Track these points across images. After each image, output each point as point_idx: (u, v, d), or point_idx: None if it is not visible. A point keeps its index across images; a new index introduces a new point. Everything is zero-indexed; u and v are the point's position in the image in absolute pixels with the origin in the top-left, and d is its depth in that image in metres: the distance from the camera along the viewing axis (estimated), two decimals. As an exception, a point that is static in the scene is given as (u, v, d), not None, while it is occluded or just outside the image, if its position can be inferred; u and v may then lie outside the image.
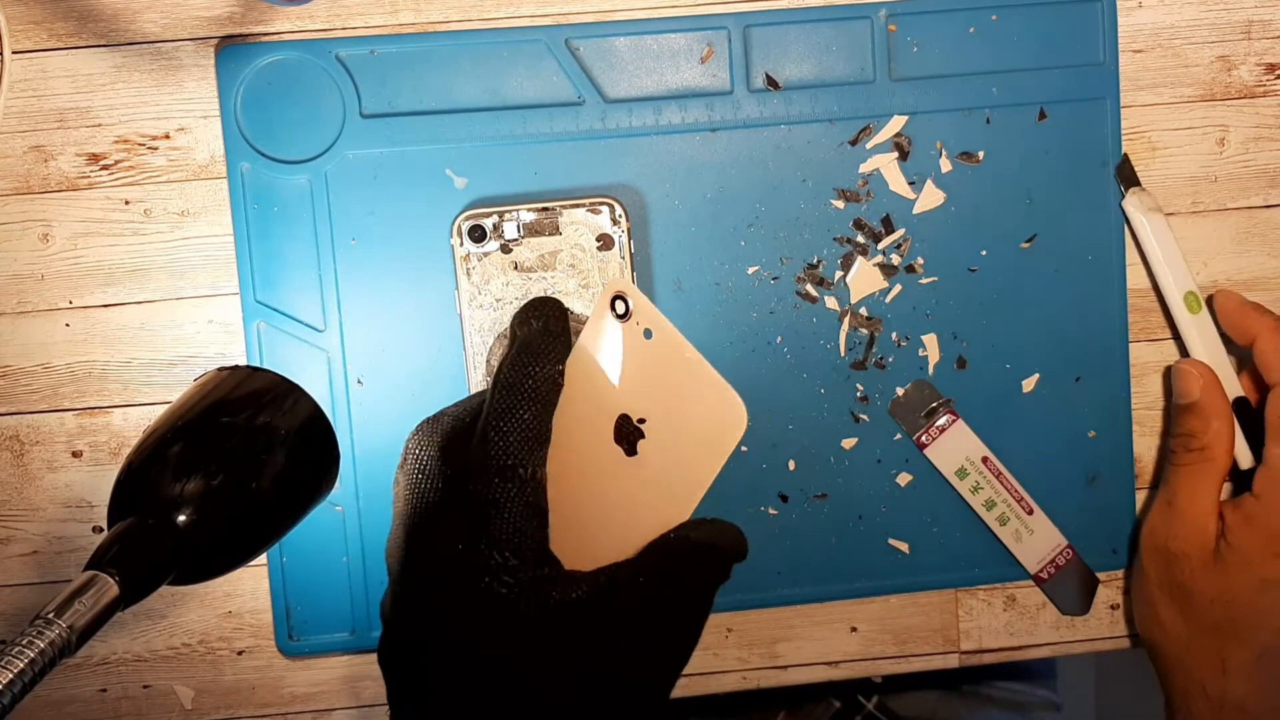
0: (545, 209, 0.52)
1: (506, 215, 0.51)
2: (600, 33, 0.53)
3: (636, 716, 0.41)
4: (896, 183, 0.54)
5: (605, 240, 0.52)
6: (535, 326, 0.44)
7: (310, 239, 0.52)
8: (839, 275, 0.54)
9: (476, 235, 0.51)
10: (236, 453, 0.41)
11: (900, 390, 0.55)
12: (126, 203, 0.53)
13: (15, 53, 0.52)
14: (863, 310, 0.55)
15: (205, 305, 0.53)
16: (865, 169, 0.54)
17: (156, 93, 0.52)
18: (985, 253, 0.55)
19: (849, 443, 0.55)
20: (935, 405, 0.55)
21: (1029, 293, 0.55)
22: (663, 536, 0.42)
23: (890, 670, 0.58)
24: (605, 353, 0.44)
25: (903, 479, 0.56)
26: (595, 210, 0.52)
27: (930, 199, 0.54)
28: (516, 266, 0.52)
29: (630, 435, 0.43)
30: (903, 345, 0.55)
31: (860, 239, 0.54)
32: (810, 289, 0.54)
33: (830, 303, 0.55)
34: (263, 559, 0.54)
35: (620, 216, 0.52)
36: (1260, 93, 0.56)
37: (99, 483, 0.54)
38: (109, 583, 0.36)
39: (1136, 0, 0.55)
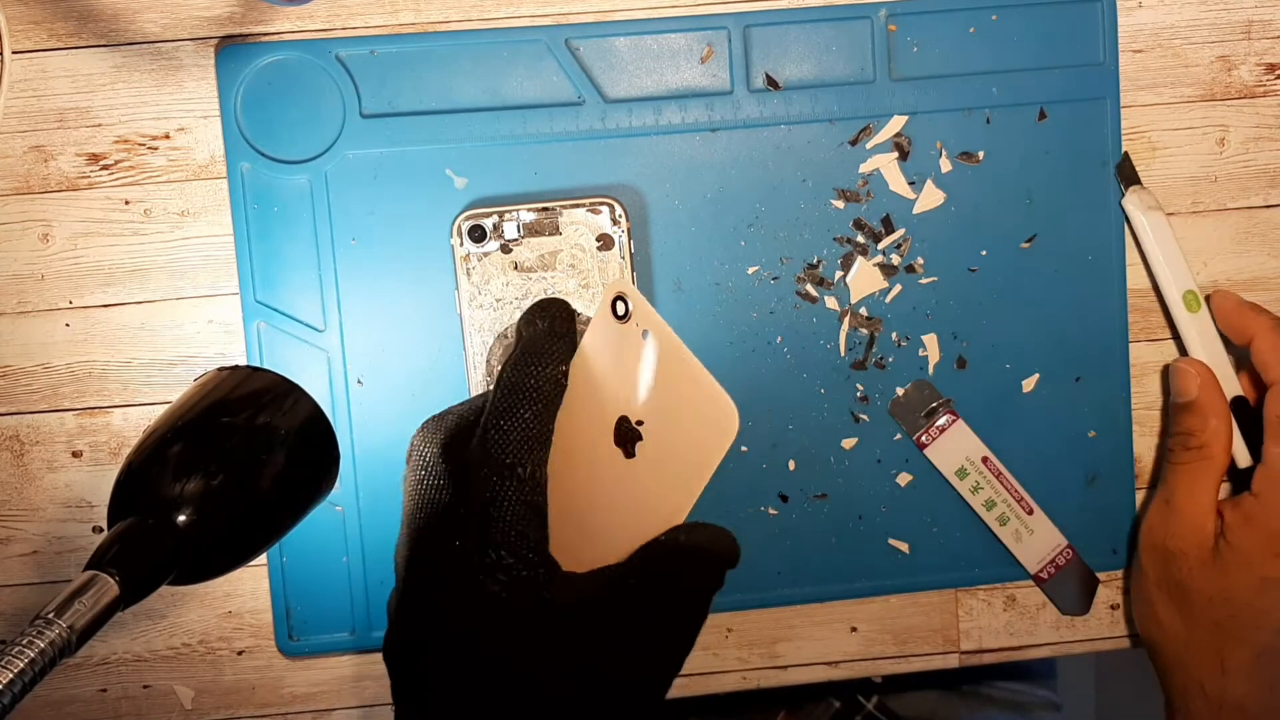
0: (545, 209, 0.52)
1: (506, 215, 0.51)
2: (600, 33, 0.53)
3: (635, 716, 0.41)
4: (896, 183, 0.54)
5: (605, 240, 0.52)
6: (540, 327, 0.44)
7: (310, 239, 0.52)
8: (839, 275, 0.54)
9: (476, 235, 0.51)
10: (236, 453, 0.41)
11: (900, 390, 0.55)
12: (126, 203, 0.53)
13: (15, 53, 0.52)
14: (863, 310, 0.55)
15: (205, 305, 0.53)
16: (865, 169, 0.54)
17: (156, 93, 0.52)
18: (985, 253, 0.55)
19: (849, 443, 0.55)
20: (935, 405, 0.55)
21: (1029, 293, 0.55)
22: (654, 539, 0.42)
23: (890, 670, 0.58)
24: (606, 354, 0.44)
25: (903, 479, 0.56)
26: (595, 210, 0.52)
27: (930, 199, 0.54)
28: (516, 266, 0.52)
29: (629, 437, 0.43)
30: (903, 345, 0.55)
31: (860, 239, 0.54)
32: (810, 289, 0.54)
33: (830, 303, 0.55)
34: (263, 559, 0.54)
35: (620, 216, 0.52)
36: (1260, 93, 0.56)
37: (99, 483, 0.54)
38: (109, 583, 0.36)
39: (1136, 0, 0.55)
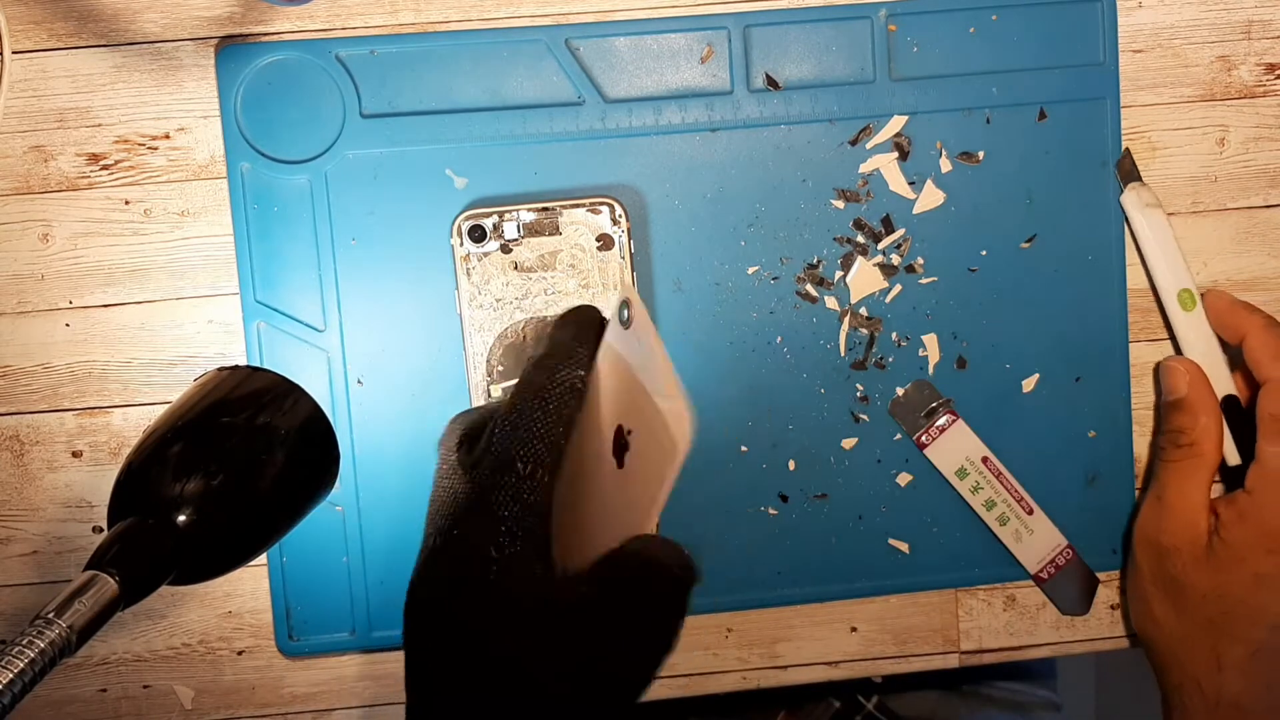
0: (545, 209, 0.52)
1: (506, 215, 0.51)
2: (600, 33, 0.53)
3: (630, 717, 0.41)
4: (896, 183, 0.54)
5: (605, 240, 0.52)
6: (566, 332, 0.44)
7: (310, 239, 0.52)
8: (839, 275, 0.54)
9: (476, 235, 0.51)
10: (236, 453, 0.41)
11: (900, 390, 0.55)
12: (126, 203, 0.53)
13: (15, 53, 0.52)
14: (863, 310, 0.55)
15: (205, 305, 0.53)
16: (865, 169, 0.54)
17: (156, 93, 0.52)
18: (985, 253, 0.55)
19: (849, 443, 0.55)
20: (935, 405, 0.55)
21: (1029, 293, 0.55)
22: (612, 550, 0.42)
23: (890, 670, 0.58)
24: (613, 361, 0.43)
25: (903, 479, 0.56)
26: (595, 210, 0.52)
27: (930, 199, 0.54)
28: (516, 266, 0.52)
29: (622, 446, 0.43)
30: (903, 345, 0.55)
31: (860, 239, 0.54)
32: (810, 289, 0.54)
33: (830, 303, 0.55)
34: (263, 559, 0.54)
35: (620, 216, 0.52)
36: (1260, 93, 0.56)
37: (99, 483, 0.54)
38: (109, 583, 0.36)
39: (1136, 0, 0.55)
